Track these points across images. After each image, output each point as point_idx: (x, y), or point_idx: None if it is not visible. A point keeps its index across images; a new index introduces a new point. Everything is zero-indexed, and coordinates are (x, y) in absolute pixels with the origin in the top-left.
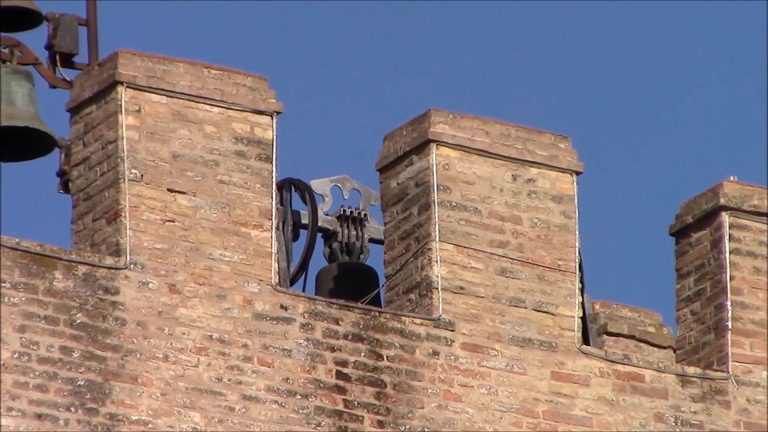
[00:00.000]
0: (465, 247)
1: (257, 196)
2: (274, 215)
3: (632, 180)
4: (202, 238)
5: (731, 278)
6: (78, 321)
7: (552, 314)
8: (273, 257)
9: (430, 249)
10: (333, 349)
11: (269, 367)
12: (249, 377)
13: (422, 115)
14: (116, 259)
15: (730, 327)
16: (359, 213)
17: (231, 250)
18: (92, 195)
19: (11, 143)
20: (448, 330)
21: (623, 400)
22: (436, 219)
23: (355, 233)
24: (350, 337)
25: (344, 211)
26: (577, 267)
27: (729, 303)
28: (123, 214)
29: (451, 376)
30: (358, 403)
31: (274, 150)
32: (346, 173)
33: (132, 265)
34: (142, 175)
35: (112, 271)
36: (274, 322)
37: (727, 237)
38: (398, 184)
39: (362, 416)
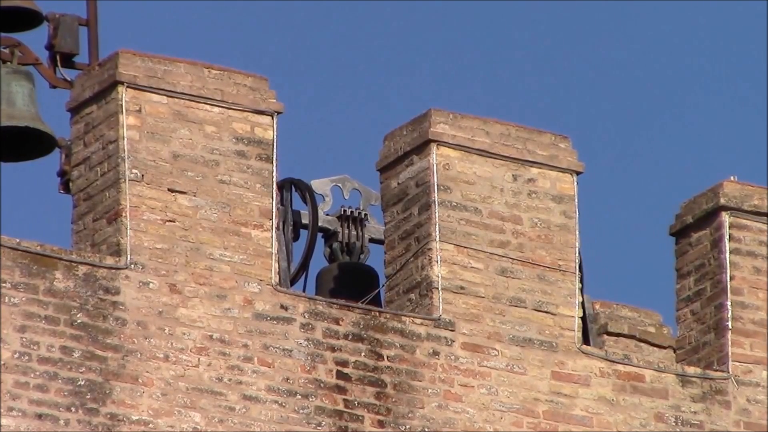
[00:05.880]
0: (465, 247)
1: (257, 196)
2: (274, 215)
3: (632, 180)
4: (203, 238)
5: (731, 278)
6: (78, 321)
7: (552, 314)
8: (273, 257)
9: (430, 249)
10: (333, 349)
11: (269, 367)
12: (249, 377)
13: (422, 115)
14: (117, 259)
15: (730, 327)
16: (359, 213)
17: (231, 250)
18: (93, 195)
19: (11, 143)
20: (449, 330)
21: (623, 400)
22: (437, 219)
23: (355, 233)
24: (350, 337)
25: (344, 211)
26: (577, 267)
27: (729, 303)
28: (123, 214)
29: (452, 376)
30: (358, 403)
31: (275, 150)
32: (346, 173)
33: (132, 265)
34: (142, 175)
35: (113, 271)
36: (275, 322)
37: (727, 237)
38: (398, 184)
39: (362, 416)
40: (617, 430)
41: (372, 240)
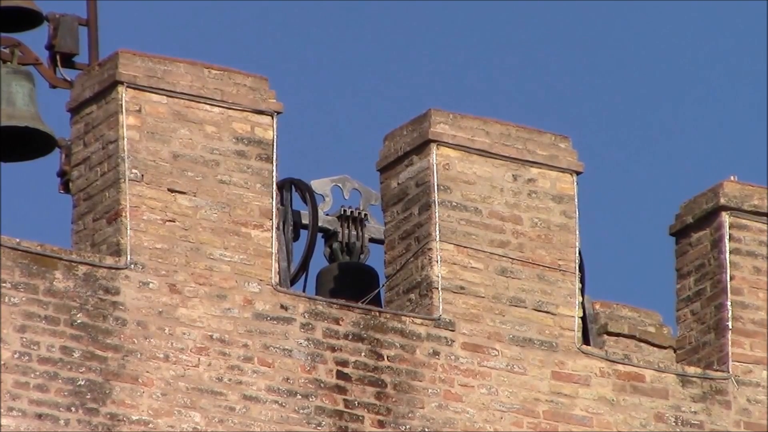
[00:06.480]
0: (465, 247)
1: (257, 196)
2: (274, 215)
3: (632, 180)
4: (203, 238)
5: (731, 278)
6: (78, 321)
7: (552, 314)
8: (273, 257)
9: (430, 249)
10: (333, 349)
11: (270, 367)
12: (249, 377)
13: (422, 115)
14: (116, 259)
15: (730, 327)
16: (359, 213)
17: (231, 250)
18: (93, 195)
19: (11, 143)
20: (449, 330)
21: (623, 400)
22: (437, 219)
23: (355, 233)
24: (351, 337)
25: (344, 211)
26: (577, 267)
27: (729, 303)
28: (123, 214)
29: (452, 376)
30: (358, 403)
31: (275, 150)
32: (346, 173)
33: (132, 265)
34: (142, 175)
35: (113, 271)
36: (275, 322)
37: (727, 237)
38: (398, 184)
39: (362, 416)
40: (617, 430)
41: (372, 240)
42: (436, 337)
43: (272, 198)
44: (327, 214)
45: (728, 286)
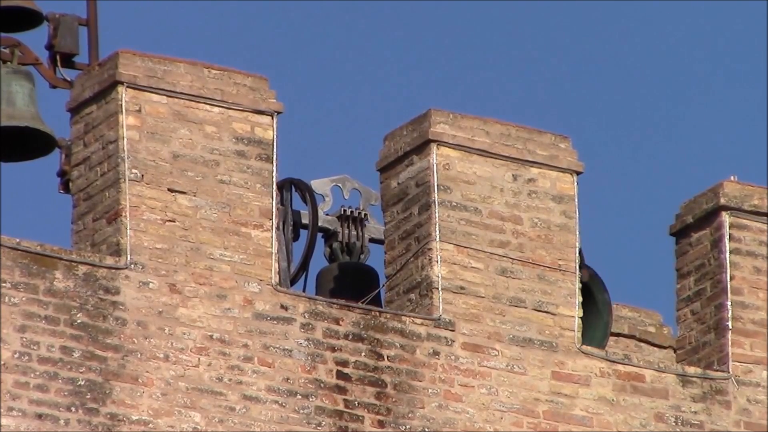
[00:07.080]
0: (465, 247)
1: (257, 196)
2: (274, 215)
3: (632, 180)
4: (203, 238)
5: (731, 278)
6: (78, 321)
7: (552, 314)
8: (273, 257)
9: (430, 249)
10: (333, 349)
11: (270, 367)
12: (249, 377)
13: (422, 115)
14: (116, 259)
15: (730, 327)
16: (359, 213)
17: (231, 250)
18: (93, 195)
19: (11, 143)
20: (449, 330)
21: (623, 400)
22: (437, 219)
23: (355, 233)
24: (351, 337)
25: (344, 211)
26: (577, 268)
27: (729, 303)
28: (123, 214)
29: (452, 376)
30: (358, 403)
31: (275, 150)
32: (346, 173)
33: (132, 265)
34: (142, 175)
35: (113, 271)
36: (275, 322)
37: (727, 237)
38: (398, 184)
39: (363, 416)
40: (617, 430)
41: (372, 240)
42: (436, 337)
43: (272, 198)
44: (327, 214)
45: (728, 286)
